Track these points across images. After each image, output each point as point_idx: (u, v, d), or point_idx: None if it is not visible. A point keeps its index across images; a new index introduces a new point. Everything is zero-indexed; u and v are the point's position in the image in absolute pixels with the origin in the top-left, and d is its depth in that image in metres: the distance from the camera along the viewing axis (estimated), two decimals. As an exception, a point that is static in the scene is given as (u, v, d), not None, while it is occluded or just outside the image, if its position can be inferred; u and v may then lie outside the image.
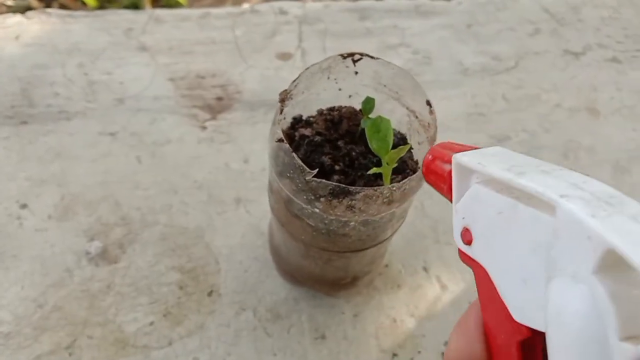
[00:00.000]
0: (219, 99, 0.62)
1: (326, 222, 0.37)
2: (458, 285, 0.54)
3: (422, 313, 0.52)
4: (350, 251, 0.41)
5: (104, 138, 0.59)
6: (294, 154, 0.34)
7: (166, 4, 2.12)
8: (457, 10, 0.73)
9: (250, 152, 0.59)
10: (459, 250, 0.26)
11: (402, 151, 0.37)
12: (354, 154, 0.41)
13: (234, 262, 0.53)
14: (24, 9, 2.06)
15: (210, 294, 0.51)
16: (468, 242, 0.24)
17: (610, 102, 0.67)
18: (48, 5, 2.11)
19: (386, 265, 0.54)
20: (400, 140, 0.42)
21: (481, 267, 0.24)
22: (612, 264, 0.17)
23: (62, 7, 2.07)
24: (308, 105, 0.43)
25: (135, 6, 2.05)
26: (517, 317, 0.22)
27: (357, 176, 0.40)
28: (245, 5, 0.67)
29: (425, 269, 0.54)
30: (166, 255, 0.53)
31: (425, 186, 0.57)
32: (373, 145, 0.37)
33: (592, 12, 0.75)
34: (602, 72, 0.70)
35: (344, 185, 0.34)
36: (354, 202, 0.34)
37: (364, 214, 0.36)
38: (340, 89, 0.42)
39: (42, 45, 0.64)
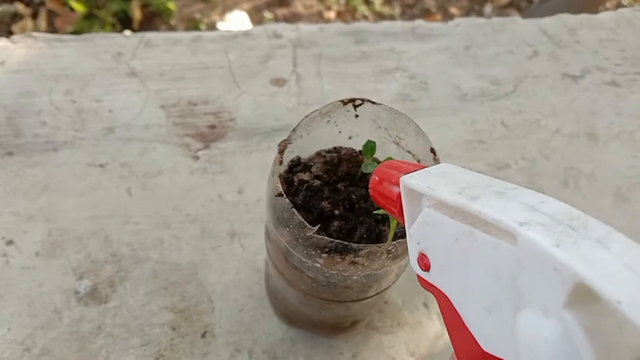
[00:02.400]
0: (212, 127, 0.60)
1: (327, 275, 0.35)
2: (459, 321, 0.52)
3: (422, 352, 0.51)
4: (351, 301, 0.40)
5: (93, 169, 0.57)
6: (294, 209, 0.32)
7: (156, 10, 2.10)
8: (455, 33, 0.71)
9: (245, 183, 0.57)
10: (418, 276, 0.25)
11: None
12: (354, 197, 0.40)
13: (229, 301, 0.51)
14: (11, 16, 2.02)
15: (204, 334, 0.49)
16: (426, 268, 0.23)
17: (609, 127, 0.66)
18: (35, 12, 2.08)
19: (385, 302, 0.53)
20: None
21: (442, 293, 0.23)
22: (582, 295, 0.16)
23: (50, 13, 2.04)
24: (306, 147, 0.41)
25: (125, 12, 2.03)
26: (485, 346, 0.21)
27: (358, 221, 0.38)
28: (238, 29, 0.66)
29: (425, 305, 0.53)
30: (158, 294, 0.51)
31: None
32: None
33: (589, 34, 0.74)
34: (601, 95, 0.69)
35: (346, 243, 0.32)
36: (357, 258, 0.33)
37: (367, 269, 0.34)
38: (340, 132, 0.41)
39: (29, 72, 0.62)
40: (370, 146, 0.39)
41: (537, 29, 0.73)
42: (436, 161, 0.37)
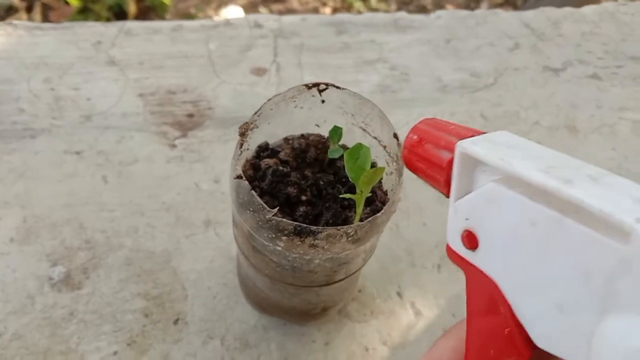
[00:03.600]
0: (190, 115, 0.60)
1: (289, 259, 0.35)
2: (432, 311, 0.53)
3: (395, 341, 0.51)
4: (317, 285, 0.40)
5: (70, 157, 0.57)
6: (253, 192, 0.32)
7: (150, 4, 2.10)
8: (436, 25, 0.71)
9: (222, 172, 0.57)
10: (450, 250, 0.22)
11: (376, 174, 0.35)
12: (321, 183, 0.40)
13: (202, 288, 0.51)
14: (6, 8, 2.01)
15: (176, 322, 0.49)
16: (471, 247, 0.21)
17: (590, 120, 0.66)
18: (30, 5, 2.08)
19: (359, 291, 0.53)
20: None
21: (485, 276, 0.20)
22: None
23: (45, 6, 2.04)
24: (274, 132, 0.41)
25: (120, 6, 2.03)
26: (541, 343, 0.19)
27: (324, 207, 0.38)
28: (219, 18, 0.66)
29: (399, 294, 0.53)
30: (131, 281, 0.51)
31: (402, 206, 0.56)
32: (350, 173, 0.36)
33: (572, 27, 0.74)
34: (582, 88, 0.69)
35: (305, 225, 0.32)
36: (317, 241, 0.33)
37: (328, 253, 0.34)
38: (307, 117, 0.41)
39: (8, 59, 0.62)
40: (336, 132, 0.39)
41: (519, 21, 0.73)
42: (399, 147, 0.37)
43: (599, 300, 0.16)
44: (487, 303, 0.20)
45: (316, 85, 0.37)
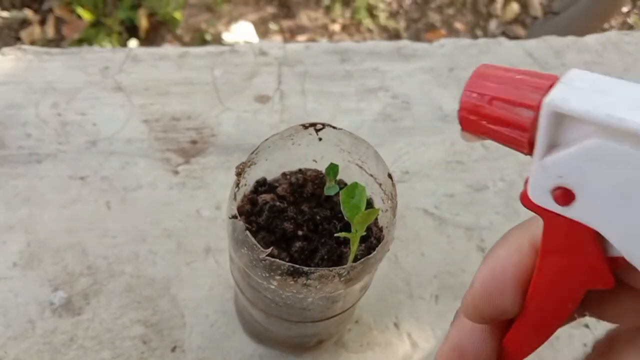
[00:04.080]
0: (194, 142, 0.61)
1: (283, 296, 0.36)
2: (429, 342, 0.53)
3: (391, 372, 0.51)
4: (311, 321, 0.40)
5: (74, 182, 0.58)
6: (247, 232, 0.33)
7: (162, 19, 2.12)
8: (439, 53, 0.72)
9: (223, 199, 0.58)
10: (530, 202, 0.21)
11: (371, 215, 0.36)
12: (318, 218, 0.40)
13: (200, 316, 0.52)
14: (20, 22, 2.04)
15: (174, 349, 0.50)
16: (564, 203, 0.19)
17: (591, 150, 0.66)
18: (44, 19, 2.11)
19: (356, 321, 0.53)
20: (369, 206, 0.42)
21: (577, 224, 0.19)
22: None
23: (58, 20, 2.07)
24: (272, 168, 0.42)
25: (131, 20, 2.05)
26: None
27: (320, 243, 0.39)
28: (225, 47, 0.67)
29: (396, 325, 0.53)
30: (131, 308, 0.52)
31: (401, 236, 0.56)
32: (346, 211, 0.36)
33: (575, 57, 0.75)
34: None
35: (297, 266, 0.33)
36: (309, 281, 0.34)
37: (321, 292, 0.35)
38: (305, 153, 0.41)
39: (17, 84, 0.63)
40: (332, 169, 0.40)
41: (522, 51, 0.74)
42: (394, 186, 0.37)
43: None
44: (571, 245, 0.20)
45: (313, 125, 0.38)
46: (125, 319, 0.51)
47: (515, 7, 2.29)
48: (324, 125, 0.38)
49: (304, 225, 0.40)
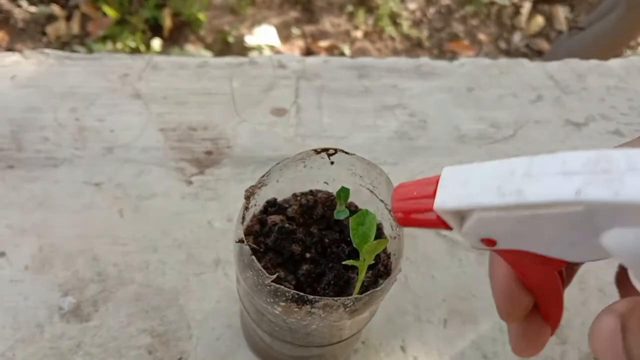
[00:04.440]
0: (209, 153, 0.62)
1: (287, 321, 0.36)
2: (435, 367, 0.52)
3: (394, 396, 0.51)
4: (315, 346, 0.40)
5: (89, 188, 0.58)
6: (253, 257, 0.33)
7: (186, 19, 2.14)
8: (459, 73, 0.72)
9: (235, 211, 0.58)
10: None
11: (380, 246, 0.36)
12: (326, 241, 0.40)
13: (207, 329, 0.52)
14: (46, 17, 2.07)
15: (179, 361, 0.50)
16: (491, 245, 0.25)
17: (609, 178, 0.65)
18: (70, 15, 2.14)
19: (363, 342, 0.53)
20: (379, 232, 0.41)
21: (514, 250, 0.26)
22: None
23: (84, 16, 2.10)
24: (283, 188, 0.42)
25: (156, 19, 2.07)
26: (571, 259, 0.25)
27: (327, 267, 0.39)
28: (244, 58, 0.67)
29: (403, 349, 0.53)
30: (139, 317, 0.52)
31: (412, 257, 0.56)
32: (355, 239, 0.36)
33: (597, 81, 0.74)
34: (603, 145, 0.68)
35: (302, 294, 0.32)
36: (314, 309, 0.33)
37: (325, 320, 0.35)
38: (317, 174, 0.41)
39: (37, 87, 0.64)
40: (343, 193, 0.39)
41: (543, 73, 0.73)
42: None
43: (591, 233, 0.22)
44: (521, 257, 0.26)
45: (325, 150, 0.38)
46: (132, 328, 0.51)
47: (540, 21, 2.27)
48: (336, 150, 0.38)
49: (312, 247, 0.40)
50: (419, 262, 0.58)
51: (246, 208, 0.36)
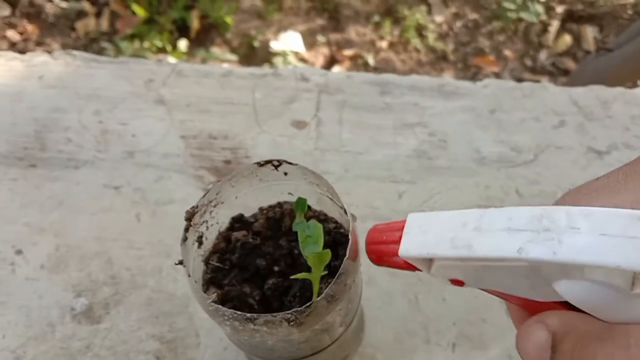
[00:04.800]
0: (227, 162, 0.62)
1: (245, 338, 0.36)
2: (441, 391, 0.52)
3: (399, 418, 0.50)
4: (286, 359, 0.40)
5: (108, 191, 0.59)
6: (190, 278, 0.33)
7: (213, 22, 2.16)
8: (482, 94, 0.71)
9: (250, 222, 0.59)
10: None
11: (325, 256, 0.35)
12: (296, 252, 0.40)
13: (214, 338, 0.52)
14: (76, 12, 2.10)
15: (186, 369, 0.50)
16: (460, 284, 0.27)
17: (629, 208, 0.64)
18: (100, 12, 2.17)
19: (369, 361, 0.53)
20: (340, 238, 0.41)
21: (485, 289, 0.27)
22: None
23: (113, 14, 2.12)
24: (249, 205, 0.42)
25: (183, 20, 2.09)
26: (537, 298, 0.26)
27: (294, 279, 0.38)
28: (268, 69, 0.67)
29: (409, 369, 0.53)
30: (149, 322, 0.52)
31: (424, 277, 0.55)
32: (304, 251, 0.36)
33: (622, 109, 0.73)
34: (625, 174, 0.67)
35: (240, 313, 0.32)
36: (256, 327, 0.33)
37: (274, 337, 0.34)
38: (278, 188, 0.41)
39: (64, 88, 0.65)
40: (300, 203, 0.39)
41: (568, 98, 0.72)
42: (353, 218, 0.37)
43: (543, 281, 0.23)
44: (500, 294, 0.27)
45: (269, 162, 0.38)
46: (142, 332, 0.52)
47: (568, 40, 2.25)
48: (280, 162, 0.38)
49: (281, 260, 0.39)
50: (430, 283, 0.57)
51: (187, 229, 0.36)
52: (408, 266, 0.28)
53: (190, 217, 0.37)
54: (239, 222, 0.41)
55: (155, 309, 0.53)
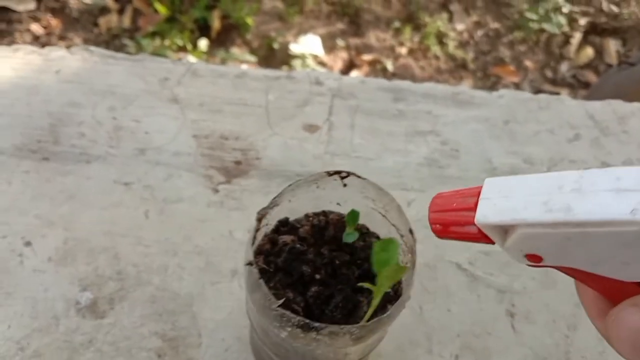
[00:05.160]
0: (238, 162, 0.62)
1: (293, 345, 0.36)
2: (441, 403, 0.52)
3: None
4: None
5: (118, 187, 0.59)
6: (261, 281, 0.33)
7: (234, 22, 2.17)
8: (497, 104, 0.71)
9: (258, 223, 0.59)
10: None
11: (399, 273, 0.35)
12: (337, 262, 0.40)
13: (216, 339, 0.52)
14: (99, 8, 2.13)
15: (186, 368, 0.51)
16: (537, 262, 0.24)
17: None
18: (122, 8, 2.19)
19: (371, 369, 0.52)
20: None
21: (564, 267, 0.25)
22: None
23: (136, 11, 2.14)
24: (295, 208, 0.42)
25: (205, 20, 2.11)
26: (629, 279, 0.23)
27: (336, 289, 0.39)
28: (282, 72, 0.67)
29: (411, 378, 0.52)
30: (152, 319, 0.53)
31: (430, 288, 0.55)
32: (376, 264, 0.36)
33: (639, 124, 0.72)
34: None
35: (308, 321, 0.32)
36: (319, 336, 0.33)
37: (332, 347, 0.35)
38: (329, 195, 0.41)
39: (80, 84, 0.66)
40: (353, 216, 0.39)
41: (584, 111, 0.72)
42: (414, 242, 0.37)
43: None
44: (581, 273, 0.25)
45: (338, 172, 0.38)
46: (144, 329, 0.52)
47: (589, 52, 2.23)
48: (348, 173, 0.38)
49: (322, 269, 0.40)
50: (436, 294, 0.57)
51: (257, 230, 0.36)
52: (480, 237, 0.25)
53: (261, 218, 0.37)
54: (285, 225, 0.42)
55: (159, 306, 0.53)
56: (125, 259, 0.55)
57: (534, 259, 0.24)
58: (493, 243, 0.25)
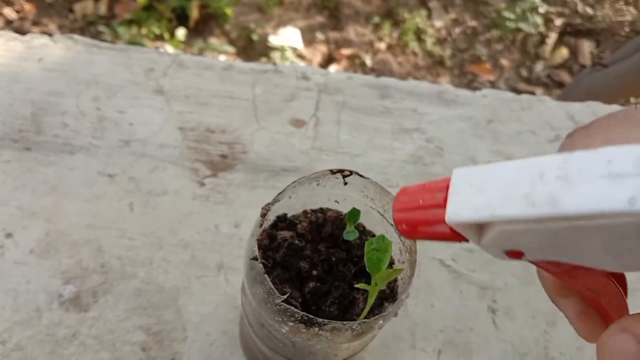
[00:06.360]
0: (224, 156, 0.62)
1: (292, 340, 0.36)
2: (424, 397, 0.52)
3: (381, 421, 0.51)
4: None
5: (102, 179, 0.58)
6: (265, 276, 0.33)
7: (213, 12, 2.15)
8: (481, 104, 0.72)
9: (243, 218, 0.59)
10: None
11: (393, 274, 0.36)
12: (333, 259, 0.40)
13: (202, 333, 0.52)
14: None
15: (171, 362, 0.50)
16: (517, 257, 0.22)
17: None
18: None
19: (355, 364, 0.53)
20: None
21: (545, 261, 0.23)
22: None
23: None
24: (293, 204, 0.42)
25: (183, 9, 2.08)
26: (615, 270, 0.22)
27: (333, 285, 0.39)
28: (269, 65, 0.67)
29: (394, 374, 0.53)
30: (136, 313, 0.52)
31: (414, 283, 0.56)
32: (368, 263, 0.36)
33: (618, 127, 0.74)
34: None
35: (311, 316, 0.33)
36: (321, 332, 0.34)
37: (331, 342, 0.35)
38: (328, 193, 0.41)
39: (63, 72, 0.65)
40: (354, 214, 0.40)
41: (564, 113, 0.73)
42: (414, 242, 0.37)
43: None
44: (562, 266, 0.23)
45: (340, 171, 0.38)
46: (128, 323, 0.52)
47: (564, 53, 2.27)
48: (351, 172, 0.38)
49: (319, 265, 0.40)
50: (419, 289, 0.58)
51: (261, 225, 0.36)
52: (453, 236, 0.22)
53: (266, 212, 0.37)
54: (283, 221, 0.41)
55: (143, 300, 0.53)
56: (109, 251, 0.55)
57: (514, 255, 0.22)
58: (467, 241, 0.23)
